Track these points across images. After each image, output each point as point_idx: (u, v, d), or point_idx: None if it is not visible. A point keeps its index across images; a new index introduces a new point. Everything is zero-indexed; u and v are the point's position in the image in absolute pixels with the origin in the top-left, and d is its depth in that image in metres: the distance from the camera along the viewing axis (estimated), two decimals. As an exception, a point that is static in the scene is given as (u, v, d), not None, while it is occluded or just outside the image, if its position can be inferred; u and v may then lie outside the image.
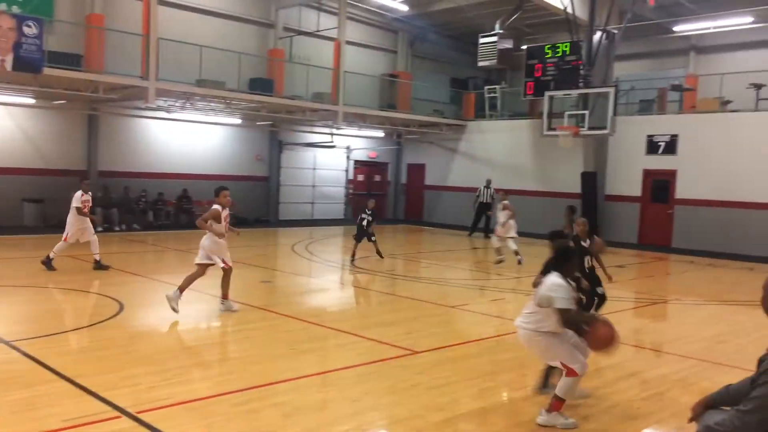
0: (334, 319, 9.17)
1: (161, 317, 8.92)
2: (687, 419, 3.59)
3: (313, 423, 5.01)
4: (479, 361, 7.00)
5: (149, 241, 17.30)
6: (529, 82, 22.64)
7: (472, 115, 26.29)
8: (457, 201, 25.86)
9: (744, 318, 10.12)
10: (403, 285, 12.31)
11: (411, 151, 28.20)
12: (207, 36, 20.65)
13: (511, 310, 10.31)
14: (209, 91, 18.96)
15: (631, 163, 21.12)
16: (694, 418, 3.49)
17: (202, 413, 5.10)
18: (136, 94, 17.98)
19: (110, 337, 7.34)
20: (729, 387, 3.45)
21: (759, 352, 3.10)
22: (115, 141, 20.27)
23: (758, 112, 19.08)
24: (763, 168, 18.41)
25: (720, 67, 22.20)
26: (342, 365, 6.66)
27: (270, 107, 21.25)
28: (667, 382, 6.49)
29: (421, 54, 28.10)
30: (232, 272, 9.13)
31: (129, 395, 5.41)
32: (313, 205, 25.59)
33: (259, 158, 23.91)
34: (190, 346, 7.21)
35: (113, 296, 9.51)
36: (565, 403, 5.12)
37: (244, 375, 6.15)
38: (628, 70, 24.84)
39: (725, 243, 18.45)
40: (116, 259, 13.78)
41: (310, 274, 13.56)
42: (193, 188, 21.43)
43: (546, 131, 20.88)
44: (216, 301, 9.17)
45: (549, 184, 23.00)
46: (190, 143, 21.82)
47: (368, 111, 23.56)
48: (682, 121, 20.54)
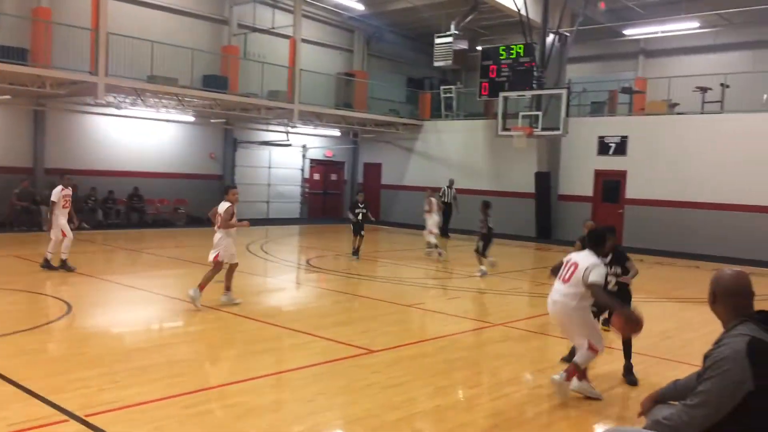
0: (289, 318, 9.09)
1: (111, 318, 8.72)
2: (637, 414, 3.66)
3: (266, 424, 4.95)
4: (435, 360, 7.02)
5: (99, 240, 16.87)
6: (484, 83, 22.88)
7: (428, 115, 26.43)
8: (413, 200, 25.92)
9: (691, 314, 10.41)
10: (359, 284, 12.29)
11: (367, 151, 28.20)
12: (159, 31, 20.26)
13: (466, 308, 10.40)
14: (161, 87, 18.60)
15: (583, 163, 21.55)
16: (644, 413, 3.56)
17: (153, 416, 4.98)
18: (85, 90, 17.51)
19: (58, 340, 7.12)
20: (677, 382, 3.53)
21: (705, 347, 3.19)
22: (63, 138, 19.71)
23: (704, 115, 19.69)
24: (708, 169, 19.00)
25: (668, 71, 22.85)
26: (297, 365, 6.60)
27: (224, 105, 20.97)
28: (616, 378, 6.63)
29: (377, 53, 28.13)
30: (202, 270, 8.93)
31: (77, 398, 5.26)
32: (268, 204, 25.34)
33: (213, 157, 23.57)
34: (142, 348, 7.04)
35: (61, 297, 9.24)
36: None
37: (196, 377, 6.04)
38: (580, 72, 25.35)
39: (673, 242, 18.98)
40: (64, 259, 13.41)
41: (266, 274, 13.42)
42: (145, 186, 21.01)
43: (500, 131, 21.14)
44: (171, 303, 8.99)
45: (503, 184, 23.29)
46: (142, 141, 21.36)
47: (324, 110, 23.45)
48: (632, 122, 21.05)
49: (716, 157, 18.88)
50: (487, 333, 8.40)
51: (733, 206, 18.53)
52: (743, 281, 3.17)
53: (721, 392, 2.92)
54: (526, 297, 11.70)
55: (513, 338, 8.20)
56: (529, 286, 12.77)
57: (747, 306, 3.11)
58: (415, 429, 5.01)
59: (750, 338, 2.95)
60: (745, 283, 3.17)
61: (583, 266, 5.73)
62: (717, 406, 2.94)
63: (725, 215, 18.65)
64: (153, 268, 13.09)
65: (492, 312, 9.78)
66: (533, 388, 6.25)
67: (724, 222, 18.60)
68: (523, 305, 10.73)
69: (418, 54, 28.53)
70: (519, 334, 8.46)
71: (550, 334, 8.66)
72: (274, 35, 23.56)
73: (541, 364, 7.16)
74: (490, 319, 9.18)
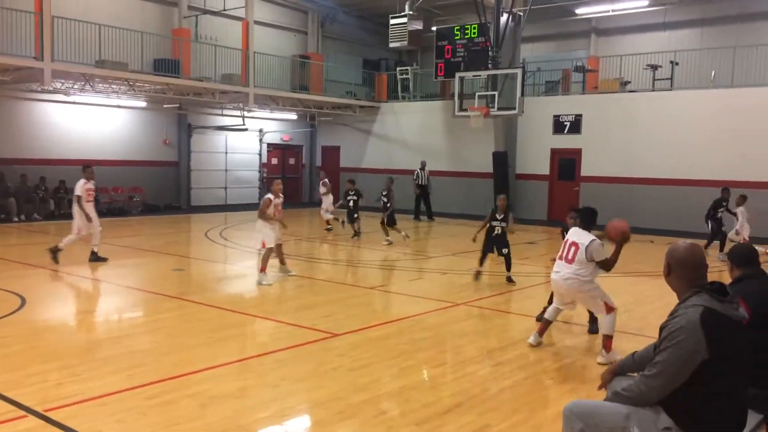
0: (251, 304, 9.03)
1: (67, 311, 8.53)
2: (596, 386, 3.75)
3: (231, 411, 4.92)
4: (399, 341, 7.07)
5: (51, 231, 16.42)
6: (440, 63, 22.90)
7: (385, 96, 26.36)
8: (372, 183, 25.91)
9: (646, 288, 10.69)
10: (321, 268, 12.26)
11: (325, 134, 28.03)
12: (106, 14, 19.70)
13: (428, 289, 10.48)
14: (110, 72, 18.14)
15: (539, 142, 21.82)
16: (604, 385, 3.66)
17: (114, 408, 4.91)
18: (31, 76, 16.97)
19: (12, 334, 6.93)
20: (634, 354, 3.63)
21: (660, 320, 3.27)
22: (10, 125, 19.06)
23: (654, 92, 20.10)
24: (659, 145, 19.44)
25: (619, 49, 23.20)
26: (260, 351, 6.57)
27: (176, 89, 20.55)
28: (576, 352, 6.78)
29: (332, 35, 27.87)
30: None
31: (35, 393, 5.14)
32: (226, 189, 25.03)
33: (167, 143, 23.11)
34: (100, 340, 6.91)
35: (14, 290, 8.99)
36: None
37: (157, 367, 5.96)
38: (534, 51, 25.57)
39: (627, 217, 19.06)
40: (16, 252, 13.06)
41: (226, 261, 13.28)
42: (98, 175, 20.31)
43: (457, 112, 21.20)
44: (129, 293, 8.84)
45: (462, 165, 23.44)
46: (93, 127, 20.81)
47: (280, 93, 23.20)
48: (585, 101, 21.37)
49: (667, 133, 19.32)
50: (450, 312, 8.48)
51: (684, 181, 19.03)
52: (697, 253, 3.26)
53: (677, 362, 3.01)
54: (486, 276, 11.84)
55: (475, 317, 8.31)
56: (488, 265, 12.90)
57: (700, 277, 3.21)
58: (380, 410, 5.04)
59: (704, 308, 3.04)
60: (699, 256, 3.26)
61: (584, 245, 6.45)
62: (673, 376, 3.03)
63: (677, 190, 19.14)
64: (109, 258, 12.81)
65: (454, 292, 9.87)
66: (496, 365, 6.35)
67: (676, 197, 19.09)
68: (483, 284, 10.85)
69: (374, 35, 28.36)
70: (481, 312, 8.57)
71: (511, 311, 8.81)
72: (225, 17, 23.11)
73: (504, 341, 7.27)
74: (452, 298, 9.27)
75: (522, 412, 5.05)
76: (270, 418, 4.84)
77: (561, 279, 6.58)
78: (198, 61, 22.15)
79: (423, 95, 26.05)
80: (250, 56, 21.24)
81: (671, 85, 20.09)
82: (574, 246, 6.51)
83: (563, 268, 6.58)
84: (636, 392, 3.17)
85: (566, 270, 6.52)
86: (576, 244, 6.51)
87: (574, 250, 6.48)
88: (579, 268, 6.45)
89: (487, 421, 4.83)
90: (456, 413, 4.97)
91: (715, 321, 3.02)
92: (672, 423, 3.06)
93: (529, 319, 8.26)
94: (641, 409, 3.16)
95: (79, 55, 18.07)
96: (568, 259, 6.55)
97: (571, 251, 6.52)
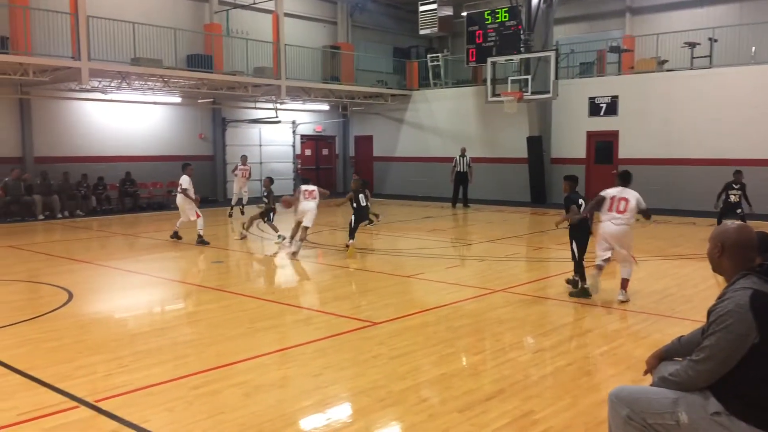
0: (289, 295, 9.12)
1: (113, 304, 8.73)
2: (642, 372, 3.70)
3: (274, 400, 4.99)
4: (438, 329, 7.07)
5: (94, 227, 16.82)
6: (471, 49, 22.72)
7: (417, 84, 26.24)
8: (406, 171, 25.93)
9: (688, 271, 10.49)
10: (357, 258, 12.31)
11: (358, 123, 28.06)
12: (139, 12, 19.97)
13: (465, 276, 10.46)
14: (145, 69, 18.41)
15: (575, 125, 21.51)
16: (649, 371, 3.59)
17: (162, 398, 5.01)
18: (69, 75, 17.32)
19: (61, 327, 7.13)
20: (681, 338, 3.56)
21: (705, 303, 3.21)
22: (51, 125, 19.52)
23: (693, 71, 19.63)
24: (699, 125, 19.01)
25: (655, 28, 22.70)
26: (301, 341, 6.63)
27: (210, 84, 20.77)
28: (620, 337, 6.70)
29: (361, 24, 27.81)
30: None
31: (85, 384, 5.28)
32: (261, 182, 25.21)
33: (202, 137, 23.40)
34: (145, 332, 7.06)
35: (61, 285, 9.23)
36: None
37: (201, 357, 6.07)
38: (567, 33, 25.17)
39: (667, 199, 19.02)
40: (61, 248, 13.39)
41: (263, 252, 13.43)
42: (137, 170, 20.86)
43: (490, 98, 21.05)
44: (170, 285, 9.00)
45: (496, 150, 23.25)
46: (130, 124, 21.19)
47: (311, 84, 23.28)
48: (621, 82, 20.98)
49: (707, 112, 18.88)
50: (489, 299, 8.45)
51: (725, 161, 18.55)
52: (749, 234, 3.18)
53: (726, 346, 2.95)
54: (524, 262, 11.75)
55: (514, 303, 8.26)
56: (526, 251, 12.82)
57: (752, 259, 3.13)
58: (421, 398, 5.06)
59: (753, 291, 2.97)
60: (751, 236, 3.18)
61: (634, 198, 7.98)
62: (723, 360, 2.97)
63: (718, 170, 18.65)
64: (150, 251, 13.07)
65: (492, 279, 9.83)
66: (536, 351, 6.31)
67: (717, 177, 18.60)
68: (522, 270, 10.78)
69: (403, 23, 28.23)
70: (520, 299, 8.51)
71: (550, 297, 8.73)
72: (256, 11, 23.25)
73: (543, 327, 7.22)
74: (490, 285, 9.23)
75: (565, 398, 5.01)
76: (313, 407, 4.89)
77: (617, 226, 7.93)
78: (230, 55, 22.35)
79: (455, 82, 25.88)
80: (281, 49, 21.34)
81: (710, 63, 19.59)
82: (623, 200, 7.93)
83: (617, 218, 7.91)
84: (684, 377, 3.12)
85: (620, 219, 7.88)
86: (625, 198, 7.94)
87: (625, 203, 7.91)
88: (630, 217, 7.91)
89: (531, 408, 4.80)
90: (498, 400, 4.95)
91: (765, 304, 2.95)
92: (722, 408, 3.01)
93: (569, 305, 8.18)
94: (689, 394, 3.10)
95: (114, 53, 18.39)
96: (620, 211, 7.92)
97: (622, 204, 7.94)
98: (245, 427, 4.48)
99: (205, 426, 4.50)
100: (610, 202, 8.02)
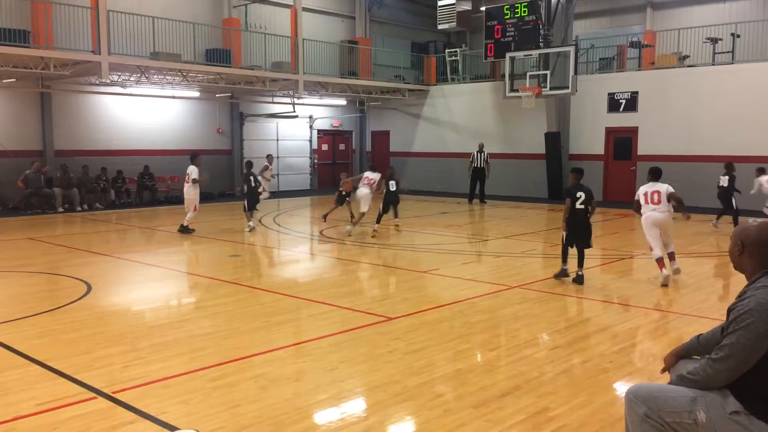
0: (306, 289, 9.15)
1: (130, 296, 8.81)
2: (660, 370, 3.66)
3: (290, 394, 5.00)
4: (453, 324, 7.06)
5: (113, 220, 16.98)
6: (489, 44, 22.60)
7: (434, 79, 26.17)
8: (423, 166, 25.88)
9: (707, 269, 10.38)
10: (373, 252, 12.32)
11: (375, 118, 28.04)
12: (159, 7, 20.10)
13: (481, 272, 10.42)
14: (164, 63, 18.52)
15: (594, 121, 21.33)
16: (667, 368, 3.56)
17: (179, 390, 5.05)
18: (89, 69, 17.46)
19: (80, 319, 7.21)
20: (699, 337, 3.52)
21: (723, 301, 3.19)
22: (71, 119, 19.73)
23: (715, 66, 19.38)
24: (721, 121, 18.77)
25: (676, 23, 22.44)
26: (317, 335, 6.65)
27: (228, 78, 20.85)
28: (637, 335, 6.64)
29: (379, 19, 27.77)
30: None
31: (103, 376, 5.34)
32: (278, 176, 25.32)
33: (220, 131, 23.52)
34: (162, 324, 7.12)
35: (80, 277, 9.33)
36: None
37: (218, 350, 6.11)
38: (587, 28, 24.97)
39: (687, 196, 18.44)
40: (81, 240, 13.54)
41: (280, 246, 13.48)
42: (155, 164, 21.03)
43: (508, 93, 20.93)
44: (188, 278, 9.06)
45: (513, 146, 23.13)
46: (149, 118, 21.35)
47: (329, 79, 23.29)
48: (641, 77, 20.76)
49: (728, 108, 18.63)
50: (504, 296, 8.42)
51: (746, 158, 18.31)
52: (769, 232, 3.13)
53: (746, 345, 2.91)
54: (541, 258, 11.68)
55: (530, 300, 8.22)
56: (543, 248, 12.75)
57: (772, 258, 3.08)
58: (437, 393, 5.05)
59: (774, 290, 2.92)
60: (772, 235, 3.13)
61: (664, 189, 9.01)
62: (742, 359, 2.94)
63: (741, 167, 18.43)
64: (168, 245, 13.17)
65: (508, 275, 9.79)
66: (552, 348, 6.27)
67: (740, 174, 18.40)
68: (538, 267, 10.72)
69: (421, 18, 28.14)
70: (536, 295, 8.47)
71: (567, 294, 8.68)
72: (274, 5, 23.31)
73: (559, 324, 7.18)
74: (506, 281, 9.19)
75: (581, 396, 4.98)
76: (328, 401, 4.90)
77: (659, 213, 8.96)
78: (248, 49, 22.42)
79: (473, 77, 25.76)
80: (299, 43, 21.37)
81: (732, 59, 19.33)
82: (656, 193, 9.00)
83: (654, 210, 8.98)
84: (702, 376, 3.08)
85: (656, 210, 8.95)
86: (657, 191, 9.01)
87: (657, 195, 8.98)
88: (665, 206, 8.94)
89: (546, 405, 4.78)
90: (514, 396, 4.94)
91: (787, 302, 2.90)
92: (741, 407, 2.97)
93: (586, 302, 8.13)
94: (708, 393, 3.07)
95: (134, 47, 18.53)
96: (654, 202, 8.99)
97: (655, 197, 9.00)
98: (261, 419, 4.50)
99: (222, 418, 4.53)
100: (644, 197, 9.12)
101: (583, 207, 8.97)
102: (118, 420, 4.52)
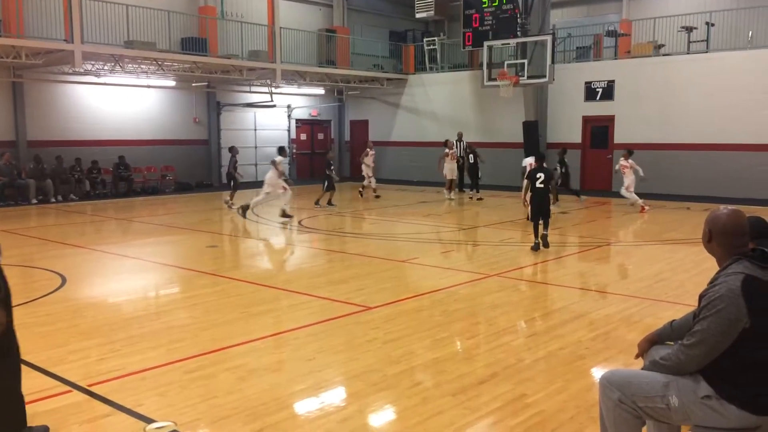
0: (284, 280, 9.12)
1: (106, 288, 8.72)
2: (634, 356, 3.71)
3: (268, 384, 4.99)
4: (432, 313, 7.09)
5: (88, 211, 16.77)
6: (467, 33, 22.58)
7: (413, 68, 26.10)
8: (402, 156, 25.86)
9: (682, 255, 10.52)
10: (352, 242, 12.31)
11: (353, 108, 27.94)
12: (133, -5, 19.75)
13: (460, 261, 10.47)
14: (139, 52, 18.27)
15: (571, 110, 21.45)
16: (641, 354, 3.61)
17: (155, 382, 5.02)
18: (62, 58, 17.17)
19: (54, 312, 7.12)
20: (672, 323, 3.57)
21: (697, 288, 3.21)
22: (44, 109, 19.40)
23: (690, 55, 19.57)
24: (695, 110, 18.98)
25: (652, 12, 22.58)
26: (295, 325, 6.64)
27: (204, 67, 20.63)
28: (612, 322, 6.72)
29: (357, 7, 27.60)
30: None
31: (78, 369, 5.29)
32: (256, 166, 25.15)
33: (197, 121, 23.29)
34: (138, 316, 7.06)
35: (54, 269, 9.22)
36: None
37: (195, 341, 6.07)
38: (564, 17, 25.04)
39: (662, 184, 19.01)
40: (55, 232, 13.35)
41: (258, 237, 13.42)
42: (130, 155, 20.77)
43: (486, 82, 20.96)
44: (165, 270, 8.98)
45: (492, 135, 23.19)
46: (124, 108, 21.06)
47: (307, 68, 23.14)
48: (618, 66, 20.91)
49: (703, 97, 18.84)
50: (483, 284, 8.46)
51: (721, 146, 18.59)
52: (739, 220, 3.17)
53: (717, 330, 2.96)
54: (518, 247, 11.76)
55: (508, 288, 8.28)
56: (521, 236, 12.83)
57: (742, 244, 3.12)
58: (415, 381, 5.07)
59: (744, 276, 2.97)
60: (741, 222, 3.17)
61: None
62: (713, 345, 2.98)
63: (714, 155, 18.72)
64: (144, 236, 13.05)
65: (486, 263, 9.84)
66: (530, 336, 6.33)
67: (712, 162, 18.68)
68: (516, 255, 10.79)
69: (399, 6, 28.04)
70: (514, 283, 8.53)
71: (545, 282, 8.75)
72: (251, -7, 23.04)
73: (537, 312, 7.24)
74: (485, 270, 9.24)
75: (558, 382, 5.03)
76: (307, 391, 4.90)
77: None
78: (225, 38, 22.18)
79: (451, 66, 25.74)
80: (276, 32, 21.20)
81: (707, 47, 19.52)
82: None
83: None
84: (675, 361, 3.13)
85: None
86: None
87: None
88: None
89: (523, 391, 4.82)
90: (491, 383, 4.97)
91: (757, 288, 2.95)
92: (712, 391, 3.02)
93: (563, 289, 8.21)
94: (680, 378, 3.12)
95: (108, 36, 18.23)
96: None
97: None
98: (238, 410, 4.49)
99: (199, 410, 4.51)
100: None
101: (543, 186, 10.52)
102: (93, 413, 4.48)
